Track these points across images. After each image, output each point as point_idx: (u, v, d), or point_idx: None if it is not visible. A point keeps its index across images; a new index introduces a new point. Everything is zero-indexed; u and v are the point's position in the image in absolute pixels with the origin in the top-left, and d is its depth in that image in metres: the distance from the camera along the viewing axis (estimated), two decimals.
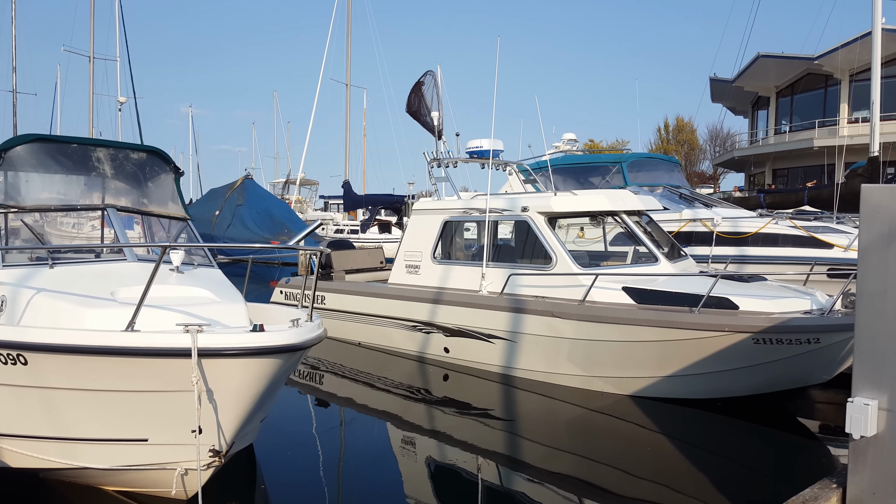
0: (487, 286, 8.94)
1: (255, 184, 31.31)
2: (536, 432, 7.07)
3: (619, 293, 7.92)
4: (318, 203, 50.30)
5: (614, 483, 5.73)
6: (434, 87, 10.82)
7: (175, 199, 6.95)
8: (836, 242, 11.71)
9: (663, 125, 57.09)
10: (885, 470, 3.58)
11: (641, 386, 7.85)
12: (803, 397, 7.98)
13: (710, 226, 12.81)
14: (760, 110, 39.54)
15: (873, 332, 3.62)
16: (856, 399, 3.63)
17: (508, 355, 8.68)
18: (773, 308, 7.14)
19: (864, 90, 17.95)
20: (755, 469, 6.20)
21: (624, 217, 9.08)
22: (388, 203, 22.05)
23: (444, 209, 9.84)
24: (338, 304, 10.66)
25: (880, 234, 3.58)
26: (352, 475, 5.86)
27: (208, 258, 6.67)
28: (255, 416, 4.94)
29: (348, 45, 35.40)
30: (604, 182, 14.53)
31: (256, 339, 4.42)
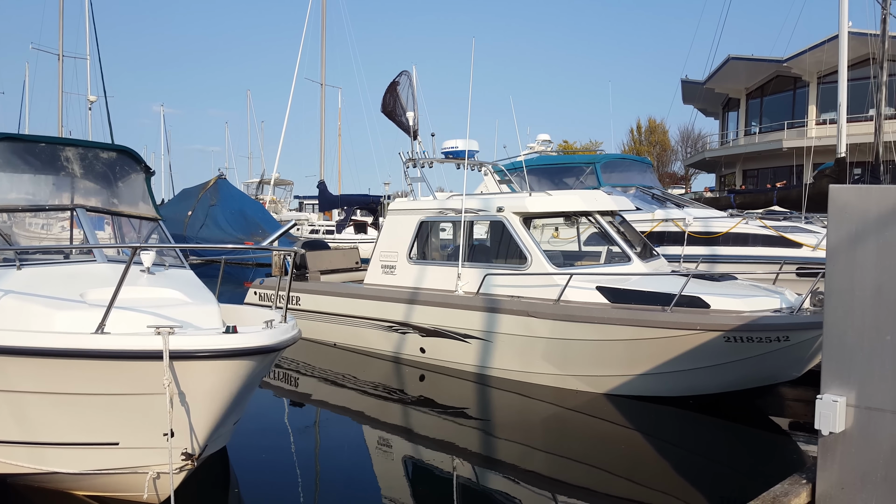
0: (463, 286, 8.96)
1: (229, 184, 31.02)
2: (512, 431, 7.09)
3: (593, 293, 7.98)
4: (292, 203, 49.95)
5: (589, 481, 5.77)
6: (409, 88, 10.80)
7: (146, 199, 6.86)
8: (805, 242, 11.92)
9: (636, 126, 57.62)
10: (854, 465, 3.65)
11: (615, 384, 7.92)
12: (773, 394, 8.11)
13: (681, 226, 12.96)
14: (731, 112, 40.09)
15: (841, 330, 3.68)
16: (824, 396, 3.69)
17: (484, 355, 8.70)
18: (743, 307, 7.24)
19: (831, 92, 18.32)
20: (727, 465, 6.29)
21: (598, 217, 9.15)
22: (364, 203, 21.96)
23: (420, 209, 9.83)
24: (313, 305, 10.59)
25: (848, 233, 3.64)
26: (327, 477, 5.84)
27: (180, 259, 6.60)
28: (229, 418, 4.89)
29: (323, 44, 35.19)
30: (578, 182, 14.63)
31: (229, 341, 4.37)
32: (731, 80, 35.95)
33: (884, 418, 3.53)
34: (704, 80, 35.77)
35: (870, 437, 3.58)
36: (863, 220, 3.58)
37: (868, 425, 3.59)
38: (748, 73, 34.89)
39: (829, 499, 3.74)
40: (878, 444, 3.55)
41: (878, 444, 3.55)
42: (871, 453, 3.58)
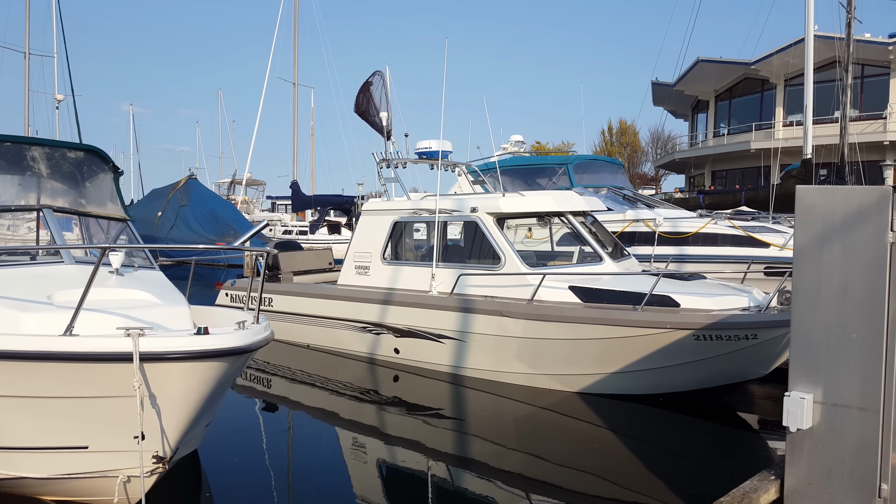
0: (437, 286, 8.96)
1: (200, 184, 30.72)
2: (486, 431, 7.12)
3: (565, 292, 8.04)
4: (265, 204, 49.51)
5: (562, 479, 5.81)
6: (382, 88, 10.78)
7: (114, 199, 6.76)
8: (773, 241, 12.14)
9: (607, 128, 58.10)
10: (821, 461, 3.72)
11: (587, 383, 7.98)
12: (742, 392, 8.23)
13: (652, 226, 13.12)
14: (700, 113, 40.64)
15: (808, 328, 3.75)
16: (792, 393, 3.76)
17: (458, 355, 8.71)
18: (712, 305, 7.35)
19: (798, 94, 18.67)
20: (697, 462, 6.38)
21: (570, 217, 9.22)
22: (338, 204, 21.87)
23: (394, 210, 9.82)
24: (285, 306, 10.52)
25: (814, 233, 3.72)
26: (301, 480, 5.80)
27: (149, 260, 6.51)
28: (200, 421, 4.84)
29: (295, 43, 34.97)
30: (550, 183, 14.72)
31: (201, 342, 4.33)
32: (700, 83, 36.44)
33: (849, 414, 3.61)
34: (674, 82, 36.23)
35: (836, 433, 3.66)
36: (829, 221, 3.66)
37: (834, 421, 3.66)
38: (717, 76, 35.41)
39: (797, 494, 3.81)
40: (844, 439, 3.63)
41: (844, 439, 3.63)
42: (837, 449, 3.65)
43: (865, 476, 3.55)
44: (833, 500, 3.66)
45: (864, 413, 3.55)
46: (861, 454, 3.56)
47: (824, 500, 3.69)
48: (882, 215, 3.47)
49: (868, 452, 3.54)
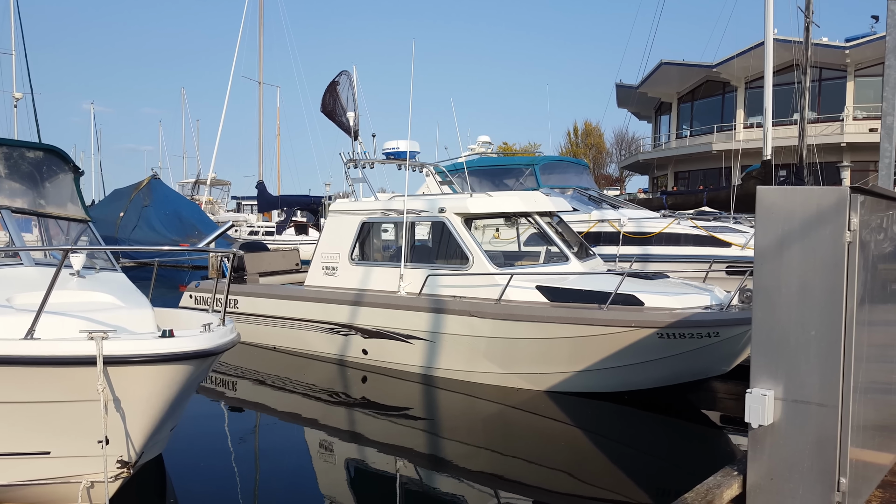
0: (406, 287, 8.95)
1: (163, 184, 30.29)
2: (455, 431, 7.14)
3: (532, 292, 8.10)
4: (230, 204, 48.93)
5: (531, 477, 5.85)
6: (349, 88, 10.73)
7: (74, 199, 6.64)
8: (734, 241, 12.38)
9: (573, 129, 58.61)
10: (782, 456, 3.80)
11: (555, 381, 8.05)
12: (705, 389, 8.38)
13: (616, 226, 13.29)
14: (663, 115, 41.23)
15: (769, 326, 3.83)
16: (754, 390, 3.84)
17: (427, 355, 8.72)
18: (675, 304, 7.47)
19: (758, 97, 19.02)
20: (662, 458, 6.48)
21: (536, 218, 9.29)
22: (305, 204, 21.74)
23: (362, 210, 9.78)
24: (251, 308, 10.41)
25: (774, 233, 3.80)
26: (268, 483, 5.75)
27: (111, 262, 6.41)
28: (166, 424, 4.78)
29: (260, 42, 34.60)
30: (518, 184, 14.81)
31: (166, 345, 4.28)
32: (663, 85, 36.97)
33: (809, 410, 3.69)
34: (638, 85, 36.68)
35: (797, 429, 3.74)
36: (788, 220, 3.74)
37: (795, 417, 3.75)
38: (679, 78, 35.96)
39: (759, 489, 3.89)
40: (804, 435, 3.71)
41: (804, 435, 3.71)
42: (798, 444, 3.74)
43: (825, 470, 3.64)
44: (794, 494, 3.75)
45: (823, 409, 3.64)
46: (820, 449, 3.65)
47: (785, 495, 3.78)
48: (839, 216, 3.57)
49: (827, 447, 3.63)
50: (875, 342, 4.01)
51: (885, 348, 4.27)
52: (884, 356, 4.24)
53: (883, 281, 4.09)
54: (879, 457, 4.25)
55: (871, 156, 25.42)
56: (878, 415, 4.19)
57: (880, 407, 4.22)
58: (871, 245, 3.81)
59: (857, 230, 3.56)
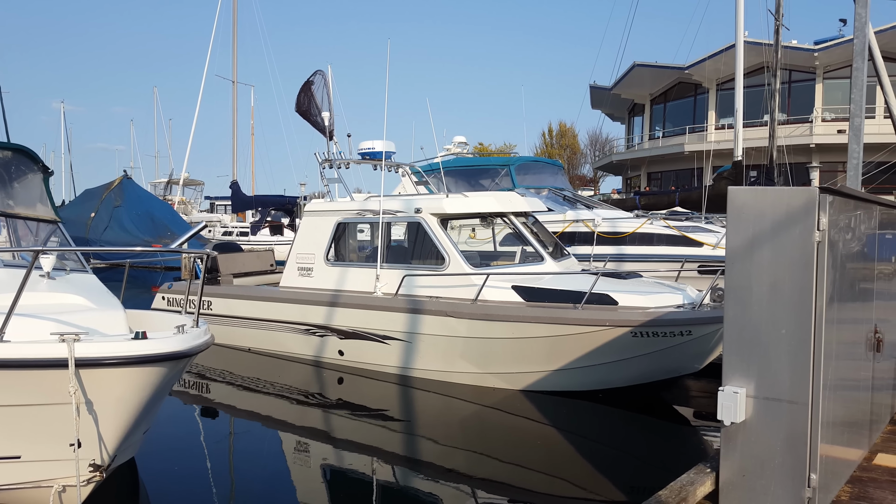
0: (382, 287, 8.94)
1: (135, 184, 29.92)
2: (432, 431, 7.14)
3: (508, 292, 8.13)
4: (203, 204, 48.42)
5: (507, 476, 5.88)
6: (324, 87, 10.68)
7: (44, 200, 6.53)
8: (706, 241, 12.55)
9: (547, 130, 58.90)
10: (754, 453, 3.86)
11: (531, 381, 8.09)
12: (678, 387, 8.48)
13: (591, 226, 13.40)
14: (636, 117, 41.61)
15: (741, 325, 3.89)
16: (726, 388, 3.89)
17: (404, 356, 8.71)
18: (648, 303, 7.56)
19: (729, 98, 19.33)
20: (636, 456, 6.54)
21: (512, 218, 9.32)
22: (280, 204, 21.62)
23: (337, 210, 9.74)
24: (225, 309, 10.32)
25: (745, 232, 3.85)
26: (243, 486, 5.70)
27: (81, 263, 6.31)
28: (139, 427, 4.73)
29: (234, 40, 34.33)
30: (493, 184, 14.86)
31: (139, 347, 4.24)
32: (636, 86, 37.30)
33: (780, 407, 3.75)
34: (611, 86, 36.99)
35: (768, 426, 3.80)
36: (759, 220, 3.80)
37: (766, 415, 3.80)
38: (652, 80, 36.31)
39: (732, 486, 3.94)
40: (775, 432, 3.77)
41: (775, 432, 3.77)
42: (769, 441, 3.80)
43: (796, 467, 3.70)
44: (766, 490, 3.81)
45: (793, 406, 3.70)
46: (791, 446, 3.71)
47: (757, 492, 3.84)
48: (809, 215, 3.63)
49: (798, 444, 3.69)
50: (844, 340, 4.09)
51: (854, 346, 4.35)
52: (852, 353, 4.33)
53: (851, 280, 4.17)
54: (848, 453, 4.34)
55: (840, 156, 25.93)
56: (847, 411, 4.27)
57: (849, 403, 4.30)
58: (840, 244, 3.88)
59: (826, 230, 3.63)
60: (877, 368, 4.88)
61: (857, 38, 7.94)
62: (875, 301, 4.74)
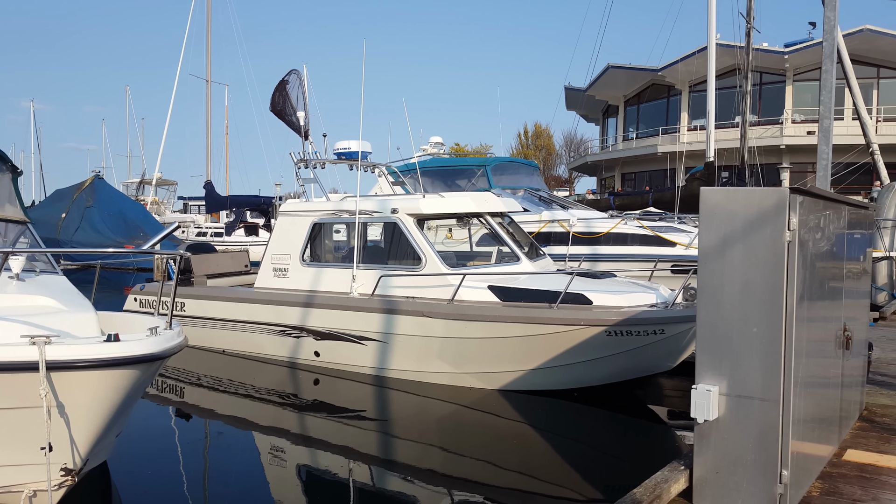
0: (358, 288, 8.91)
1: (106, 184, 29.53)
2: (409, 431, 7.13)
3: (484, 292, 8.16)
4: (176, 205, 47.88)
5: (483, 476, 5.90)
6: (299, 87, 10.62)
7: (13, 200, 6.43)
8: (679, 240, 12.69)
9: (523, 131, 59.22)
10: (726, 450, 3.91)
11: (507, 380, 8.12)
12: (651, 385, 8.56)
13: (566, 226, 13.49)
14: (610, 118, 41.97)
15: (713, 324, 3.94)
16: (699, 386, 3.94)
17: (380, 356, 8.69)
18: (622, 302, 7.63)
19: (701, 100, 19.52)
20: (610, 454, 6.60)
21: (488, 218, 9.35)
22: (255, 205, 21.48)
23: (313, 211, 9.69)
24: (199, 311, 10.21)
25: (717, 232, 3.91)
26: (218, 489, 5.65)
27: (51, 264, 6.22)
28: (111, 431, 4.67)
29: (208, 38, 34.01)
30: (469, 184, 14.88)
31: (112, 350, 4.19)
32: (610, 88, 37.62)
33: (752, 405, 3.81)
34: (586, 88, 37.26)
35: (740, 424, 3.86)
36: (730, 220, 3.85)
37: (739, 412, 3.86)
38: (626, 82, 36.64)
39: (705, 483, 3.99)
40: (747, 429, 3.83)
41: (747, 429, 3.83)
42: (741, 438, 3.85)
43: (767, 463, 3.76)
44: (738, 487, 3.86)
45: (765, 403, 3.76)
46: (763, 443, 3.77)
47: (730, 488, 3.89)
48: (780, 215, 3.69)
49: (769, 441, 3.75)
50: (814, 338, 4.16)
51: (824, 344, 4.43)
52: (822, 351, 4.40)
53: (821, 279, 4.24)
54: (819, 449, 4.41)
55: (809, 157, 26.37)
56: (818, 408, 4.34)
57: (819, 400, 4.38)
58: (810, 244, 3.95)
59: (797, 230, 3.69)
60: (846, 366, 4.98)
61: (826, 41, 8.09)
62: (844, 300, 4.83)
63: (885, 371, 7.26)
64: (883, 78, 30.89)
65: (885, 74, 30.84)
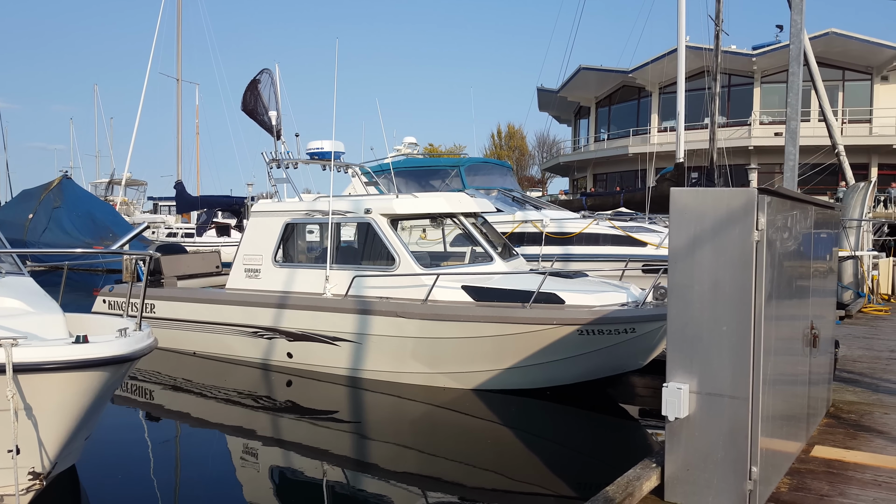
0: (331, 288, 8.87)
1: (75, 184, 29.08)
2: (382, 432, 7.12)
3: (458, 292, 8.17)
4: (146, 205, 47.22)
5: (458, 475, 5.91)
6: (271, 86, 10.54)
7: None
8: (649, 240, 12.84)
9: (496, 132, 59.43)
10: (697, 447, 3.97)
11: (481, 380, 8.15)
12: (623, 384, 8.65)
13: (539, 227, 13.58)
14: (582, 119, 42.27)
15: (683, 322, 4.00)
16: (670, 384, 3.99)
17: (354, 357, 8.66)
18: (593, 302, 7.70)
19: (671, 102, 19.80)
20: (583, 452, 6.65)
21: (462, 218, 9.37)
22: (226, 205, 21.26)
23: (286, 211, 9.63)
24: (169, 312, 10.09)
25: (687, 232, 3.96)
26: (189, 493, 5.59)
27: (18, 266, 6.10)
28: (80, 433, 4.60)
29: (179, 37, 33.59)
30: (443, 185, 14.90)
31: (79, 351, 4.13)
32: (581, 89, 37.90)
33: (722, 402, 3.87)
34: (558, 89, 37.48)
35: (710, 421, 3.91)
36: (700, 220, 3.91)
37: (709, 410, 3.92)
38: (597, 83, 36.94)
39: (677, 480, 4.05)
40: (717, 426, 3.89)
41: (717, 426, 3.89)
42: (711, 435, 3.91)
43: (737, 460, 3.82)
44: (709, 483, 3.92)
45: (735, 401, 3.82)
46: (733, 440, 3.83)
47: (701, 485, 3.95)
48: (748, 216, 3.75)
49: (739, 438, 3.81)
50: (782, 336, 4.23)
51: (791, 341, 4.51)
52: (790, 349, 4.48)
53: (788, 277, 4.32)
54: (787, 445, 4.49)
55: (777, 158, 26.81)
56: (786, 405, 4.42)
57: (787, 398, 4.46)
58: (777, 243, 4.02)
59: (765, 229, 3.75)
60: (813, 363, 5.07)
61: (793, 44, 8.24)
62: (811, 298, 4.93)
63: (850, 368, 7.41)
64: (848, 80, 31.55)
65: (850, 77, 31.51)
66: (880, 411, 5.80)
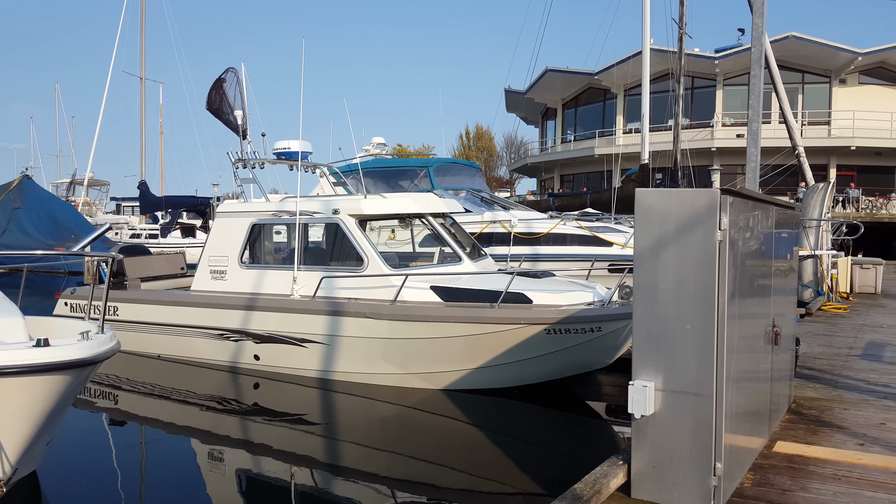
0: (299, 290, 8.80)
1: (35, 184, 28.43)
2: (352, 433, 7.09)
3: (427, 292, 8.18)
4: (109, 205, 46.35)
5: (428, 475, 5.91)
6: (237, 85, 10.41)
7: None
8: (615, 240, 13.00)
9: (465, 132, 59.61)
10: (663, 445, 4.02)
11: (450, 380, 8.16)
12: (590, 382, 8.73)
13: (507, 227, 13.66)
14: (549, 120, 42.60)
15: (648, 321, 4.05)
16: (636, 382, 4.03)
17: (323, 358, 8.61)
18: (560, 301, 7.77)
19: (636, 104, 20.05)
20: (551, 450, 6.70)
21: (430, 219, 9.37)
22: (192, 205, 20.94)
23: (252, 211, 9.53)
24: (133, 315, 9.92)
25: (652, 232, 4.01)
26: (154, 497, 5.51)
27: None
28: (41, 438, 4.51)
29: (142, 35, 33.07)
30: (412, 185, 14.88)
31: (40, 355, 4.05)
32: (548, 91, 38.19)
33: (687, 400, 3.93)
34: (525, 90, 37.71)
35: (676, 418, 3.97)
36: (664, 221, 3.96)
37: (674, 407, 3.97)
38: (564, 85, 37.25)
39: (643, 477, 4.09)
40: (682, 424, 3.94)
41: (682, 424, 3.94)
42: (677, 433, 3.96)
43: (702, 456, 3.88)
44: (674, 480, 3.97)
45: (699, 398, 3.88)
46: (698, 437, 3.89)
47: (667, 482, 4.00)
48: (711, 216, 3.81)
49: (704, 435, 3.87)
50: (744, 334, 4.31)
51: (753, 339, 4.60)
52: (752, 346, 4.57)
53: (750, 276, 4.40)
54: (750, 441, 4.58)
55: (739, 159, 27.25)
56: (749, 402, 4.50)
57: (750, 394, 4.54)
58: (739, 243, 4.09)
59: (727, 229, 3.82)
60: (775, 360, 5.18)
61: (755, 47, 8.40)
62: (773, 296, 5.03)
63: (811, 365, 7.58)
64: (807, 83, 32.29)
65: (810, 80, 32.25)
66: (840, 407, 5.94)
